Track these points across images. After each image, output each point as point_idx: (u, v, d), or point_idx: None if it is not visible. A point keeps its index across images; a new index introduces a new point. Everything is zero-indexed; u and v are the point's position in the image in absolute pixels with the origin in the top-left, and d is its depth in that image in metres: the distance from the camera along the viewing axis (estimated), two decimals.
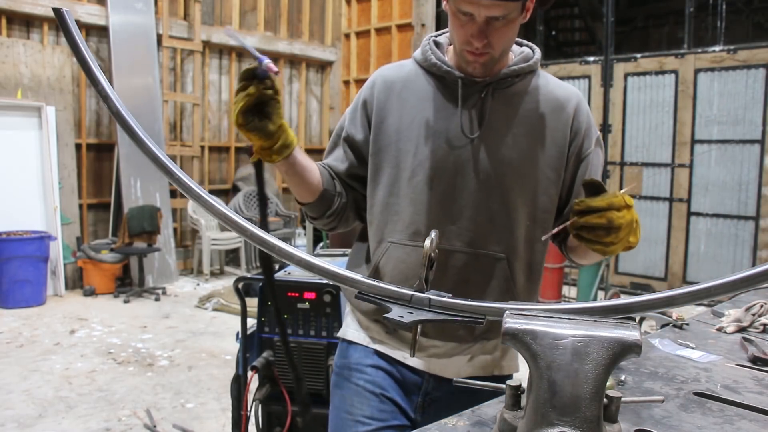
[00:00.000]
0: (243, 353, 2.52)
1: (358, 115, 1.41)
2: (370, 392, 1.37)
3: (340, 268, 0.81)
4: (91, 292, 6.28)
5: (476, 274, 1.30)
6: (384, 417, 1.35)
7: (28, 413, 3.47)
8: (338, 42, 9.11)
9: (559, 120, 1.33)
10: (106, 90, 0.86)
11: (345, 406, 1.39)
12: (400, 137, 1.33)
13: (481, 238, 1.30)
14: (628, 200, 1.08)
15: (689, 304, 0.75)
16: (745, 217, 6.11)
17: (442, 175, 1.30)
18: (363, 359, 1.40)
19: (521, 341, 0.72)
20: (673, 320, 1.67)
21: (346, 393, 1.40)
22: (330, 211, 1.38)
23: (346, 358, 1.43)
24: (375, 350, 1.40)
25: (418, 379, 1.38)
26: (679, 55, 6.45)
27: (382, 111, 1.36)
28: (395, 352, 1.38)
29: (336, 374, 1.45)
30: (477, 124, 1.30)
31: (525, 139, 1.31)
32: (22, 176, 6.12)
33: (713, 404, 1.11)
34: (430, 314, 0.78)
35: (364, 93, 1.41)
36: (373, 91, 1.39)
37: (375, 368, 1.38)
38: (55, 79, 6.32)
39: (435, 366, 1.37)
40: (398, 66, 1.43)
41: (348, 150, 1.41)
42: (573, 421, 0.69)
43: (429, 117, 1.32)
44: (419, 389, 1.38)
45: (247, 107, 1.12)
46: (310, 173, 1.31)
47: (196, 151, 7.57)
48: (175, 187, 0.86)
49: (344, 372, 1.42)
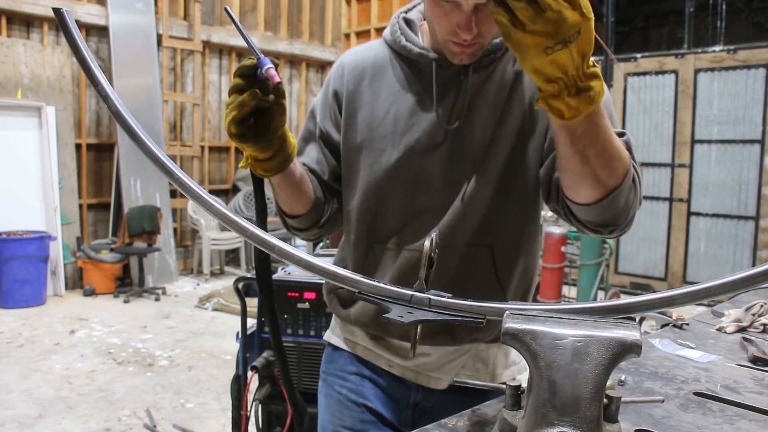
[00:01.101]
0: (243, 353, 2.52)
1: (329, 108, 1.25)
2: (352, 402, 1.28)
3: (340, 268, 0.81)
4: (91, 292, 6.28)
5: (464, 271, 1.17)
6: (364, 428, 1.26)
7: (28, 413, 3.47)
8: (338, 42, 9.11)
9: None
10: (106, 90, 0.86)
11: (328, 414, 1.32)
12: (374, 135, 1.19)
13: (468, 231, 1.16)
14: (587, 7, 0.77)
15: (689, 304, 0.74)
16: (745, 217, 6.11)
17: (423, 172, 1.16)
18: (346, 366, 1.31)
19: (521, 341, 0.72)
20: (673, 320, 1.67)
21: (329, 401, 1.32)
22: (322, 221, 1.26)
23: (331, 363, 1.35)
24: (359, 357, 1.30)
25: (405, 390, 1.26)
26: (679, 55, 6.45)
27: (352, 103, 1.22)
28: (379, 360, 1.27)
29: (322, 380, 1.37)
30: (458, 111, 1.14)
31: (513, 122, 1.14)
32: (22, 176, 6.13)
33: (713, 404, 1.11)
34: (430, 314, 0.78)
35: (333, 82, 1.25)
36: (343, 80, 1.24)
37: (359, 376, 1.29)
38: (55, 79, 6.33)
39: (423, 378, 1.25)
40: (367, 48, 1.27)
41: (326, 150, 1.26)
42: (573, 421, 0.69)
43: (403, 108, 1.17)
44: (408, 399, 1.27)
45: (241, 117, 0.98)
46: (305, 184, 1.17)
47: (196, 151, 7.57)
48: (175, 187, 0.86)
49: (328, 378, 1.34)
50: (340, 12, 9.06)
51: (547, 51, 0.76)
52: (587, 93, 0.81)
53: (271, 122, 1.02)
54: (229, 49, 8.02)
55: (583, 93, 0.81)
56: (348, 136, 1.22)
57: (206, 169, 7.93)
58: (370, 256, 1.23)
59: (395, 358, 1.25)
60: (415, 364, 1.24)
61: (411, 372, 1.25)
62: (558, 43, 0.76)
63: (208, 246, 7.19)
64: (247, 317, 2.56)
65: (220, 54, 8.02)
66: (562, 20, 0.74)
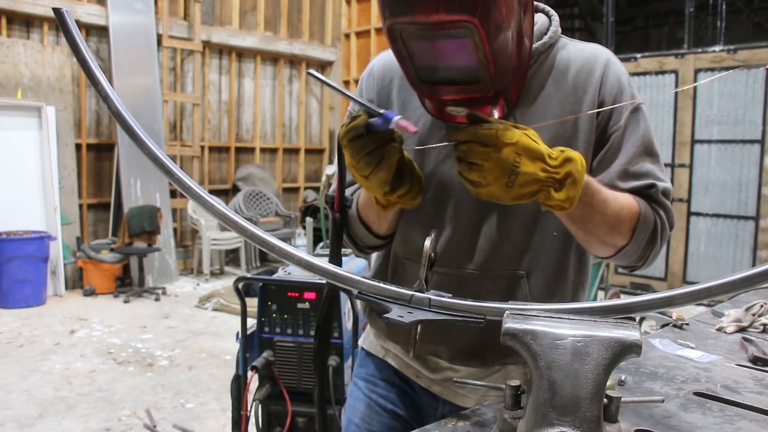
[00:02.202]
0: (243, 353, 2.52)
1: None
2: (380, 407, 1.30)
3: (340, 268, 0.81)
4: (91, 292, 6.28)
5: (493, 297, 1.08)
6: None
7: (28, 413, 3.47)
8: (338, 42, 9.11)
9: (584, 100, 1.08)
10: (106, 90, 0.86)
11: (355, 417, 1.33)
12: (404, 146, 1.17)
13: (498, 257, 1.12)
14: (508, 138, 0.85)
15: (689, 304, 0.74)
16: (745, 217, 6.11)
17: (451, 192, 1.12)
18: (377, 371, 1.33)
19: (521, 341, 0.72)
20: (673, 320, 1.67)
21: (358, 404, 1.34)
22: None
23: (362, 367, 1.37)
24: (389, 364, 1.32)
25: (433, 401, 1.27)
26: (679, 55, 6.45)
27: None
28: (408, 369, 1.29)
29: (352, 383, 1.40)
30: None
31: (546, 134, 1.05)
32: (22, 176, 6.13)
33: (713, 404, 1.11)
34: (429, 314, 0.78)
35: (366, 92, 1.23)
36: (374, 89, 1.21)
37: (388, 383, 1.31)
38: (55, 79, 6.33)
39: (449, 394, 1.25)
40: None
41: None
42: (573, 421, 0.69)
43: (430, 122, 1.12)
44: (435, 411, 1.27)
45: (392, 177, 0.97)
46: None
47: (196, 151, 7.57)
48: (175, 187, 0.86)
49: (359, 382, 1.37)
50: (340, 12, 9.06)
51: (508, 186, 0.87)
52: (568, 179, 0.90)
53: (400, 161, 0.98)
54: (229, 49, 8.02)
55: (565, 181, 0.90)
56: None
57: (206, 169, 7.93)
58: (399, 270, 1.22)
59: (424, 370, 1.27)
60: (443, 378, 1.24)
61: (438, 386, 1.26)
62: (510, 176, 0.86)
63: (208, 246, 7.19)
64: (247, 317, 2.56)
65: (220, 54, 8.02)
66: (498, 162, 0.85)
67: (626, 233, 1.04)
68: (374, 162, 0.93)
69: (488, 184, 0.86)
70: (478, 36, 0.84)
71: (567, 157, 0.89)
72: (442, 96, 0.95)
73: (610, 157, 1.08)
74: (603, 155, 1.09)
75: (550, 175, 0.88)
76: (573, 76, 1.09)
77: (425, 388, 1.27)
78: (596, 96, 1.07)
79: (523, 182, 0.87)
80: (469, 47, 0.87)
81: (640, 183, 1.07)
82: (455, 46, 0.88)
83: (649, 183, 1.06)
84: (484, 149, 0.85)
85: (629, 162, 1.07)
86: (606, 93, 1.08)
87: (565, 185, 0.89)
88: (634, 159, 1.07)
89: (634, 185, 1.07)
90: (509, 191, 0.87)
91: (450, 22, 0.83)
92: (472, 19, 0.83)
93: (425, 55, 0.91)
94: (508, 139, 0.85)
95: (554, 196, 0.89)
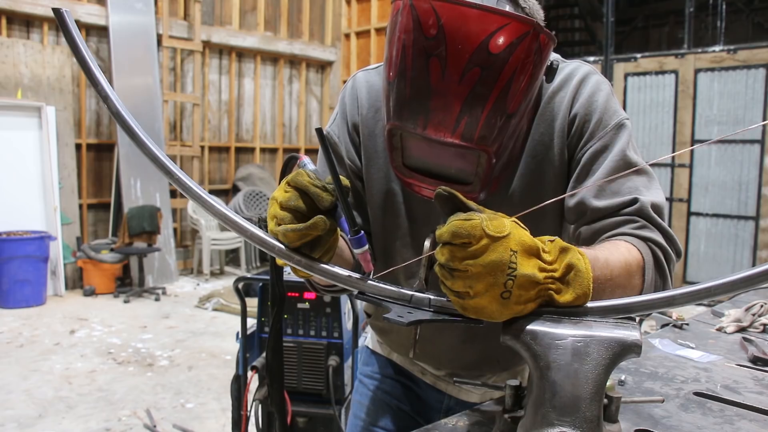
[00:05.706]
0: (243, 353, 2.52)
1: (351, 141, 1.14)
2: (386, 403, 1.32)
3: (340, 268, 0.81)
4: (91, 292, 6.28)
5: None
6: (397, 429, 1.30)
7: (28, 413, 3.47)
8: (338, 42, 9.11)
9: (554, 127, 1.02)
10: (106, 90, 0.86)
11: (361, 413, 1.36)
12: (387, 193, 1.10)
13: None
14: (495, 228, 0.69)
15: (689, 304, 0.74)
16: (745, 217, 6.11)
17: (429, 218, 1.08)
18: (382, 369, 1.35)
19: (521, 341, 0.72)
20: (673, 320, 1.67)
21: (363, 400, 1.36)
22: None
23: (367, 365, 1.39)
24: (394, 362, 1.34)
25: (439, 395, 1.29)
26: (679, 55, 6.45)
27: (368, 150, 1.11)
28: (413, 367, 1.31)
29: (357, 380, 1.42)
30: None
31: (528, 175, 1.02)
32: (22, 176, 6.13)
33: (713, 404, 1.11)
34: (430, 314, 0.78)
35: (350, 115, 1.14)
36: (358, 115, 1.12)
37: (393, 380, 1.33)
38: (55, 79, 6.33)
39: (454, 389, 1.27)
40: (378, 73, 1.13)
41: (360, 189, 1.15)
42: (573, 422, 0.69)
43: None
44: (441, 404, 1.29)
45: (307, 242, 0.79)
46: (345, 249, 1.00)
47: (196, 151, 7.57)
48: (175, 187, 0.85)
49: (364, 379, 1.38)
50: (340, 12, 9.06)
51: (504, 296, 0.70)
52: (571, 274, 0.73)
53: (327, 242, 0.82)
54: (229, 49, 8.02)
55: (567, 278, 0.73)
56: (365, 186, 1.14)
57: (206, 169, 7.93)
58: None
59: (429, 367, 1.29)
60: (448, 374, 1.26)
61: (443, 382, 1.28)
62: (507, 282, 0.69)
63: (208, 246, 7.19)
64: (247, 317, 2.56)
65: (220, 54, 8.02)
66: (488, 265, 0.68)
67: (637, 286, 0.90)
68: (310, 245, 0.80)
69: (477, 294, 0.69)
70: (485, 159, 0.82)
71: (562, 247, 0.74)
72: (423, 192, 0.88)
73: (584, 175, 1.00)
74: (578, 174, 1.00)
75: (548, 275, 0.72)
76: (545, 103, 1.02)
77: (431, 384, 1.29)
78: (567, 116, 1.01)
79: (523, 287, 0.70)
80: (471, 159, 0.85)
81: (619, 200, 0.96)
82: (456, 154, 0.85)
83: (631, 198, 0.96)
84: (470, 249, 0.68)
85: (606, 178, 0.96)
86: (578, 109, 1.00)
87: (569, 282, 0.73)
88: (612, 175, 0.96)
89: (613, 202, 0.96)
90: (507, 307, 0.70)
91: (462, 146, 0.81)
92: (486, 149, 0.81)
93: (419, 153, 0.88)
94: (499, 232, 0.69)
95: (558, 299, 0.73)
